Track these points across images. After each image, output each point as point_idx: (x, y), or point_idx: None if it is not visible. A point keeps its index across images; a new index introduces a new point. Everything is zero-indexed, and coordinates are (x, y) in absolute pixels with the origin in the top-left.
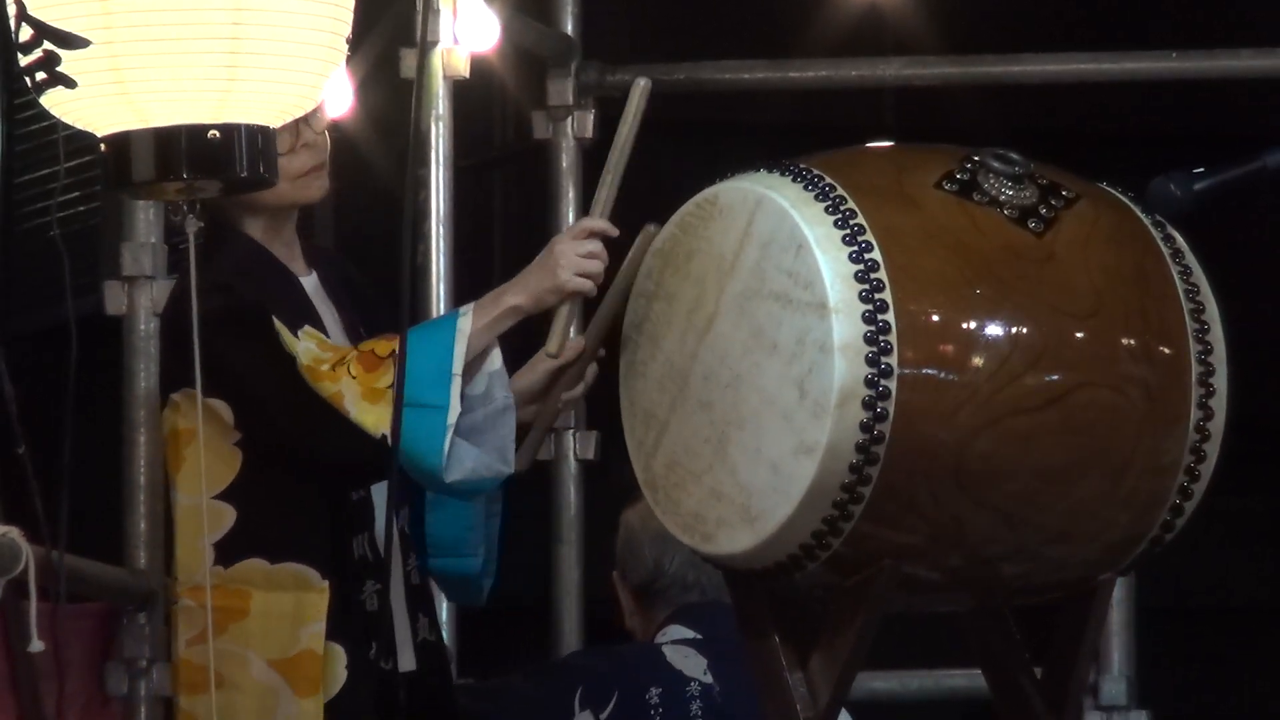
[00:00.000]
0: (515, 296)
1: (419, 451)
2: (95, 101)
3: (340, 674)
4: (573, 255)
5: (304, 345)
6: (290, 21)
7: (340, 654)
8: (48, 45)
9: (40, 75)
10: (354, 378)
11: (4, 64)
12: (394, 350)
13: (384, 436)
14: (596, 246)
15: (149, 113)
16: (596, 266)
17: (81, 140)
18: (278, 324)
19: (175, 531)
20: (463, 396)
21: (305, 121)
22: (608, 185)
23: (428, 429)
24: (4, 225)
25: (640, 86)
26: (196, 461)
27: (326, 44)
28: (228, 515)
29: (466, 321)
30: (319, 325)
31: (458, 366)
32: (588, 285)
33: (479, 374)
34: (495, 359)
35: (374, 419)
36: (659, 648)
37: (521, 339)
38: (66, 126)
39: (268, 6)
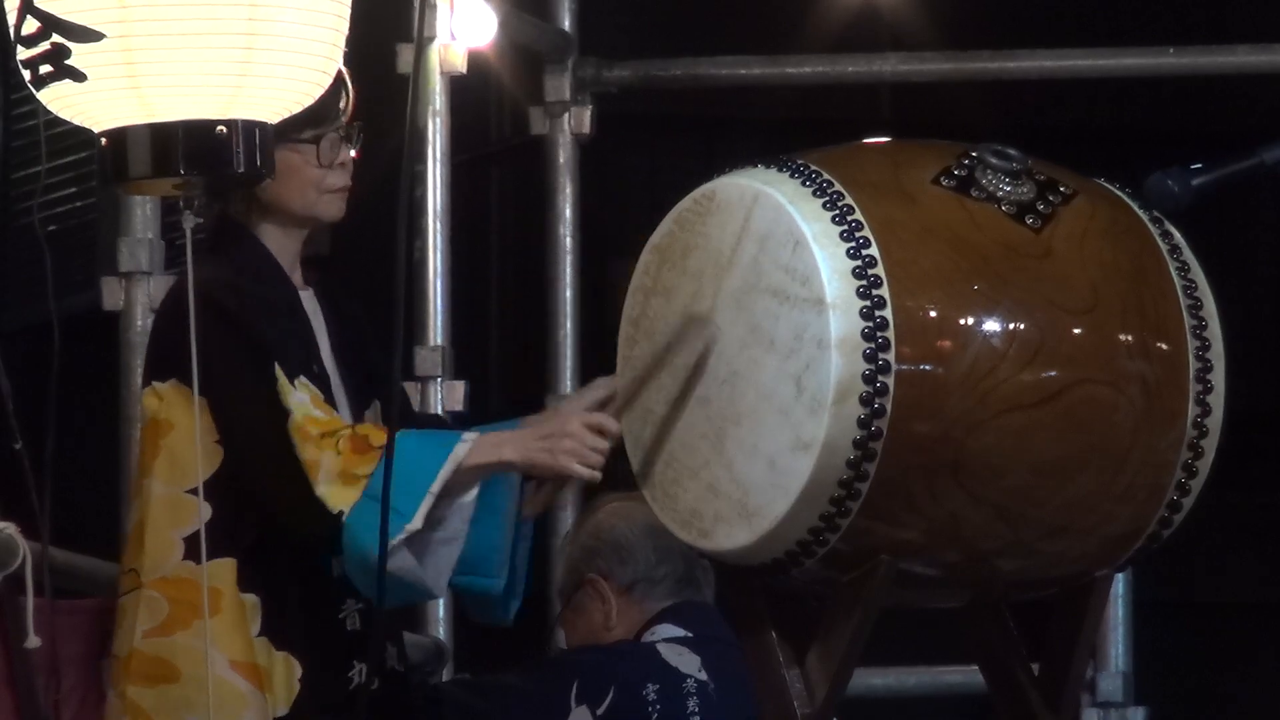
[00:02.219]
0: (513, 453)
1: (361, 540)
2: (102, 96)
3: (293, 686)
4: (581, 444)
5: (298, 398)
6: (302, 19)
7: (295, 667)
8: (56, 38)
9: (45, 69)
10: (339, 454)
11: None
12: (384, 444)
13: (340, 513)
14: (605, 445)
15: (158, 107)
16: (597, 459)
17: (79, 135)
18: (278, 371)
19: (146, 520)
20: (438, 519)
21: (347, 141)
22: (624, 394)
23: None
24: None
25: (706, 333)
26: (172, 453)
27: (330, 41)
28: (202, 511)
29: (463, 450)
30: (311, 342)
31: (436, 487)
32: (585, 474)
33: (452, 505)
34: (469, 496)
35: (337, 497)
36: (653, 645)
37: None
38: (52, 124)
39: (283, 3)
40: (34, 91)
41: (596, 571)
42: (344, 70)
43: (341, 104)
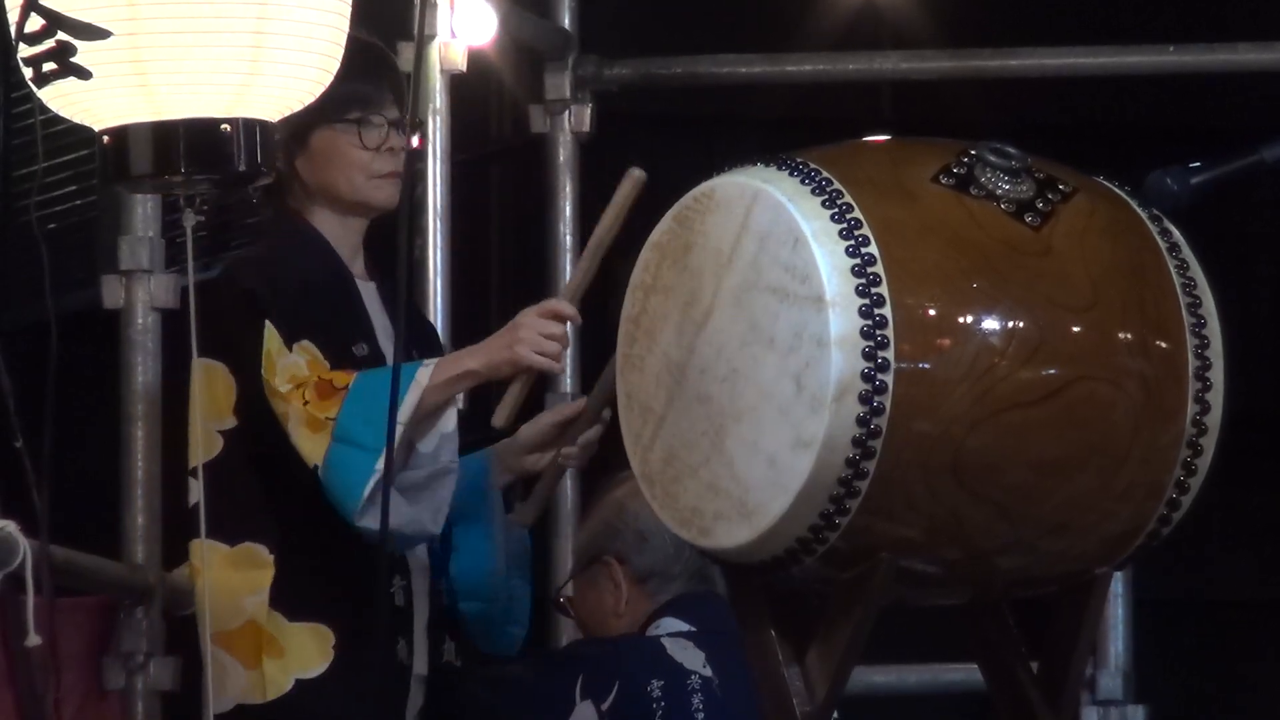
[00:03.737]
0: (473, 361)
1: (339, 487)
2: (108, 93)
3: (325, 653)
4: (535, 332)
5: (290, 360)
6: (308, 17)
7: (326, 635)
8: (62, 36)
9: (48, 66)
10: (305, 404)
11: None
12: (348, 385)
13: (316, 468)
14: (559, 328)
15: (165, 105)
16: (555, 348)
17: (79, 133)
18: (268, 329)
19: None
20: (413, 452)
21: (395, 128)
22: (583, 271)
23: (354, 467)
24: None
25: (633, 177)
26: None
27: (332, 40)
28: (194, 491)
29: (425, 374)
30: (368, 330)
31: (404, 415)
32: (544, 363)
33: (431, 433)
34: (450, 421)
35: (310, 448)
36: (658, 640)
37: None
38: (50, 122)
39: (291, 2)
40: (35, 90)
41: (615, 554)
42: (393, 59)
43: (386, 91)
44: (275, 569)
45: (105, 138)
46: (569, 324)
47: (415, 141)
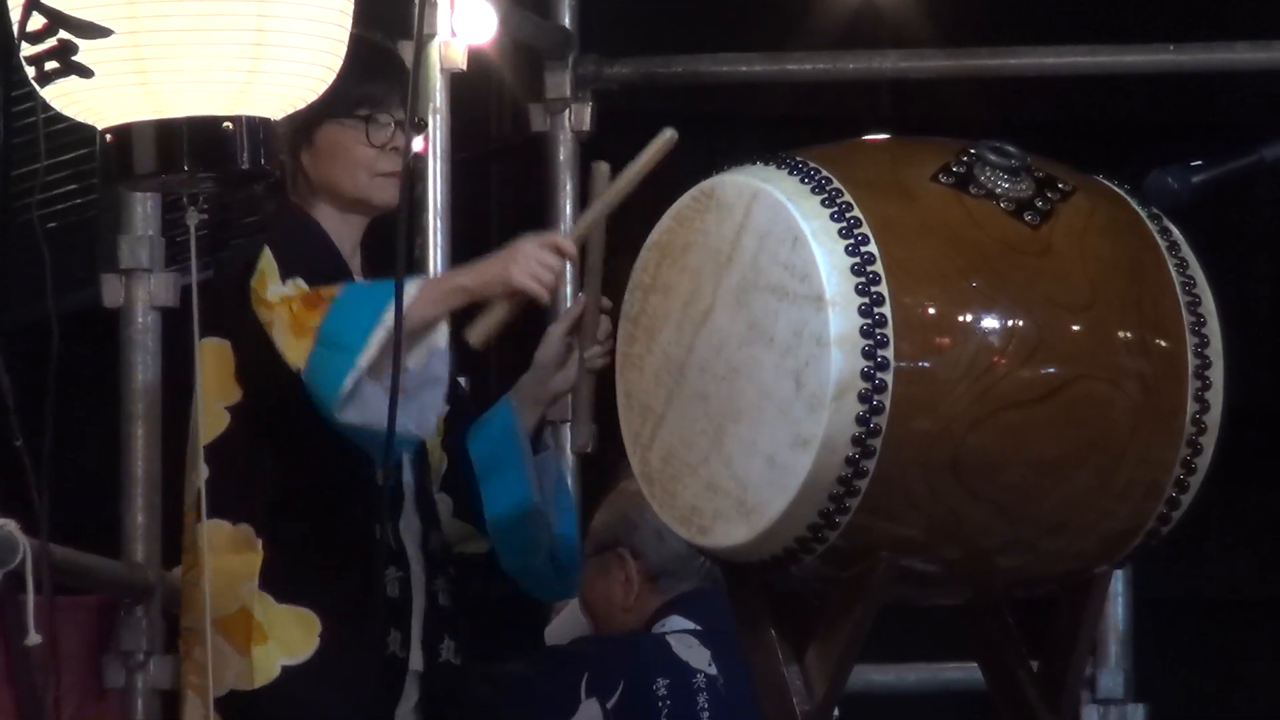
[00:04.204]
0: (464, 278)
1: (319, 385)
2: (109, 92)
3: (311, 639)
4: (531, 258)
5: (281, 286)
6: (309, 15)
7: (313, 620)
8: (63, 35)
9: (51, 65)
10: (291, 312)
11: (1, 55)
12: (334, 295)
13: (299, 370)
14: (557, 261)
15: (166, 103)
16: (549, 277)
17: (79, 133)
18: (265, 255)
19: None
20: (403, 369)
21: (402, 129)
22: (593, 212)
23: (334, 366)
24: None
25: (665, 137)
26: (197, 415)
27: (334, 38)
28: (203, 472)
29: (414, 286)
30: None
31: (386, 318)
32: (534, 288)
33: (420, 348)
34: (441, 336)
35: (294, 353)
36: (664, 638)
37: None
38: (52, 121)
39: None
40: (38, 88)
41: (630, 547)
42: (401, 59)
43: (394, 90)
44: (264, 552)
45: (108, 136)
46: (568, 264)
47: (419, 145)
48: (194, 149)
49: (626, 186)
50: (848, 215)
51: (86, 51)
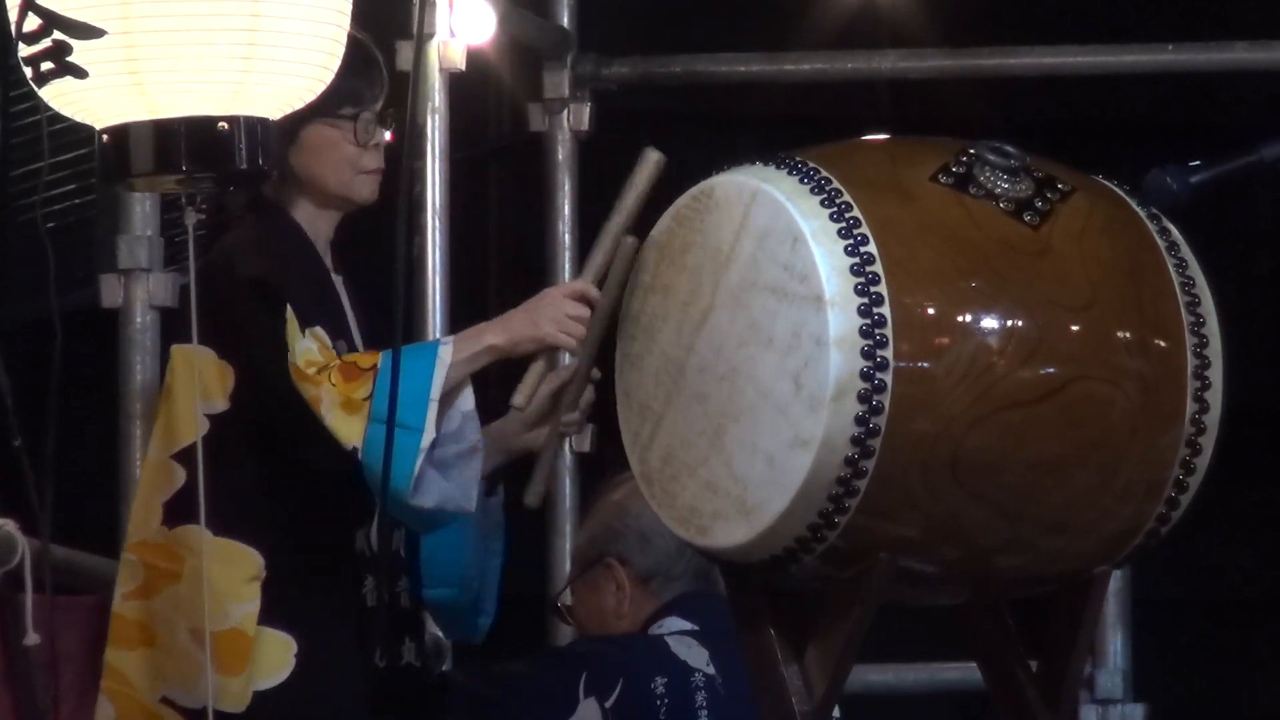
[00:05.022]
0: (495, 337)
1: (393, 470)
2: (104, 92)
3: (286, 661)
4: (560, 310)
5: (304, 345)
6: (303, 14)
7: (288, 643)
8: (58, 35)
9: (46, 66)
10: (333, 385)
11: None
12: (375, 364)
13: (355, 449)
14: (584, 311)
15: (160, 103)
16: (579, 329)
17: (78, 132)
18: (289, 313)
19: (140, 487)
20: (440, 435)
21: (382, 124)
22: (603, 250)
23: (401, 448)
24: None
25: (652, 160)
26: (169, 418)
27: (331, 38)
28: (179, 476)
29: (448, 351)
30: (343, 323)
31: (435, 392)
32: (565, 340)
33: (453, 410)
34: (468, 399)
35: (348, 430)
36: (662, 638)
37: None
38: (54, 120)
39: None
40: (36, 89)
41: (616, 555)
42: (379, 55)
43: (377, 87)
44: (265, 573)
45: (105, 136)
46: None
47: (387, 135)
48: (192, 149)
49: (627, 218)
50: (847, 215)
51: (81, 52)
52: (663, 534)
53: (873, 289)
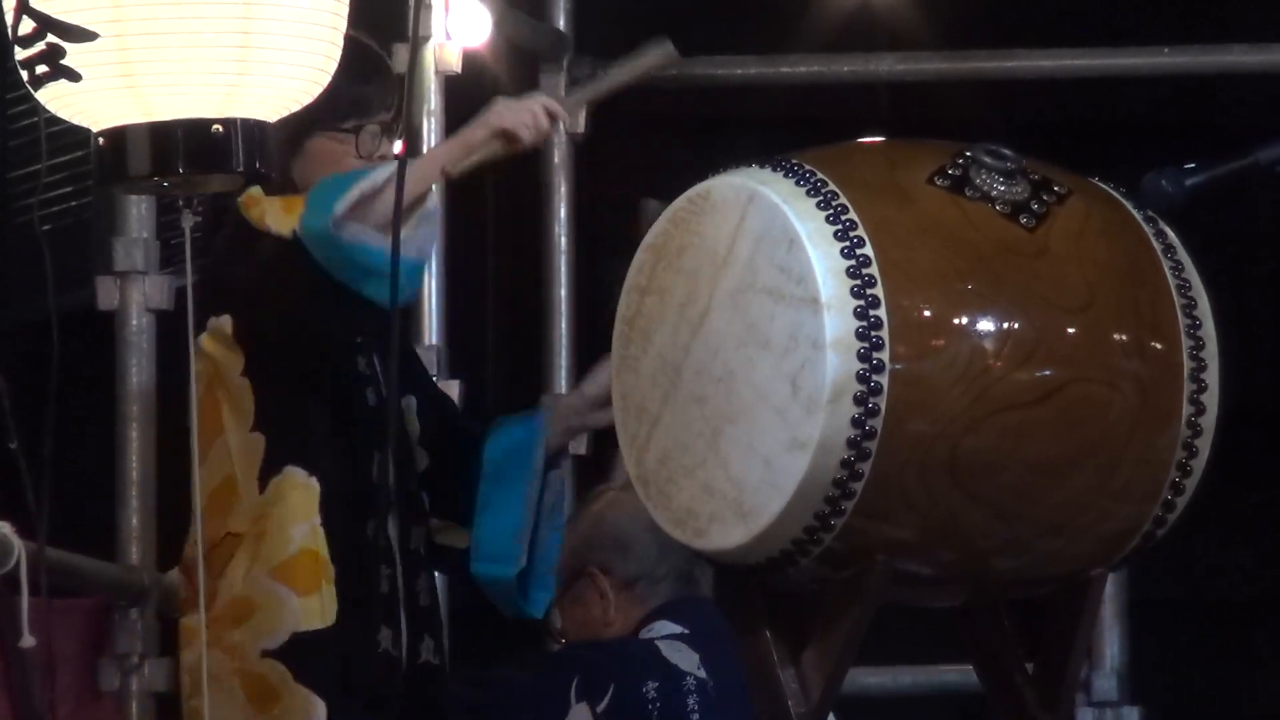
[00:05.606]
0: (447, 145)
1: (313, 224)
2: (98, 95)
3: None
4: (517, 108)
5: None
6: (298, 16)
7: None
8: (51, 38)
9: (41, 69)
10: (280, 200)
11: None
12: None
13: (295, 231)
14: (539, 109)
15: (154, 106)
16: (529, 118)
17: (75, 135)
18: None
19: (236, 474)
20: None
21: (387, 134)
22: (588, 89)
23: (323, 201)
24: None
25: (664, 49)
26: (231, 398)
27: (328, 39)
28: (259, 444)
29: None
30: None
31: (372, 176)
32: (521, 130)
33: (412, 219)
34: (432, 200)
35: (286, 222)
36: (653, 643)
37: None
38: (52, 122)
39: (279, 1)
40: (32, 91)
41: (597, 565)
42: (390, 63)
43: (386, 98)
44: (321, 488)
45: (100, 139)
46: (560, 128)
47: (397, 147)
48: (188, 152)
49: (618, 81)
50: (843, 218)
51: (74, 55)
52: (641, 539)
53: (869, 291)
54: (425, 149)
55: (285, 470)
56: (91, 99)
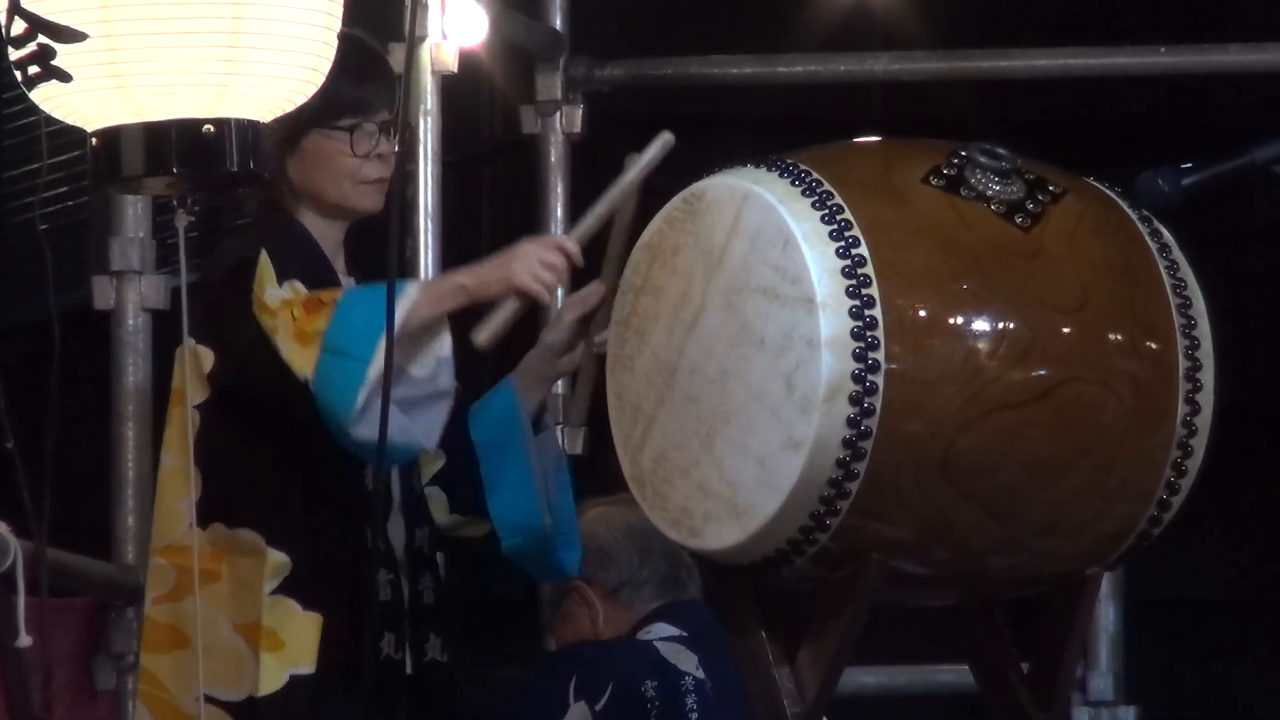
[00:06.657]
0: (464, 277)
1: (331, 398)
2: (89, 95)
3: (314, 649)
4: (534, 258)
5: (277, 292)
6: (288, 15)
7: (321, 625)
8: (42, 39)
9: (33, 69)
10: (294, 318)
11: None
12: (337, 299)
13: (308, 380)
14: (560, 261)
15: (145, 106)
16: (551, 278)
17: (71, 135)
18: (263, 259)
19: (158, 494)
20: (409, 377)
21: (385, 134)
22: (594, 216)
23: (345, 376)
24: None
25: (663, 140)
26: (181, 422)
27: (320, 39)
28: (198, 477)
29: (414, 288)
30: None
31: (395, 326)
32: (535, 288)
33: (427, 357)
34: (445, 344)
35: (300, 361)
36: (651, 643)
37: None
38: (50, 122)
39: (269, 1)
40: (26, 92)
41: (580, 577)
42: (389, 62)
43: (385, 95)
44: (288, 556)
45: (94, 139)
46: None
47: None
48: (182, 151)
49: (629, 187)
50: (839, 217)
51: (65, 55)
52: (620, 546)
53: (864, 291)
54: (421, 149)
55: (240, 530)
56: (83, 99)
